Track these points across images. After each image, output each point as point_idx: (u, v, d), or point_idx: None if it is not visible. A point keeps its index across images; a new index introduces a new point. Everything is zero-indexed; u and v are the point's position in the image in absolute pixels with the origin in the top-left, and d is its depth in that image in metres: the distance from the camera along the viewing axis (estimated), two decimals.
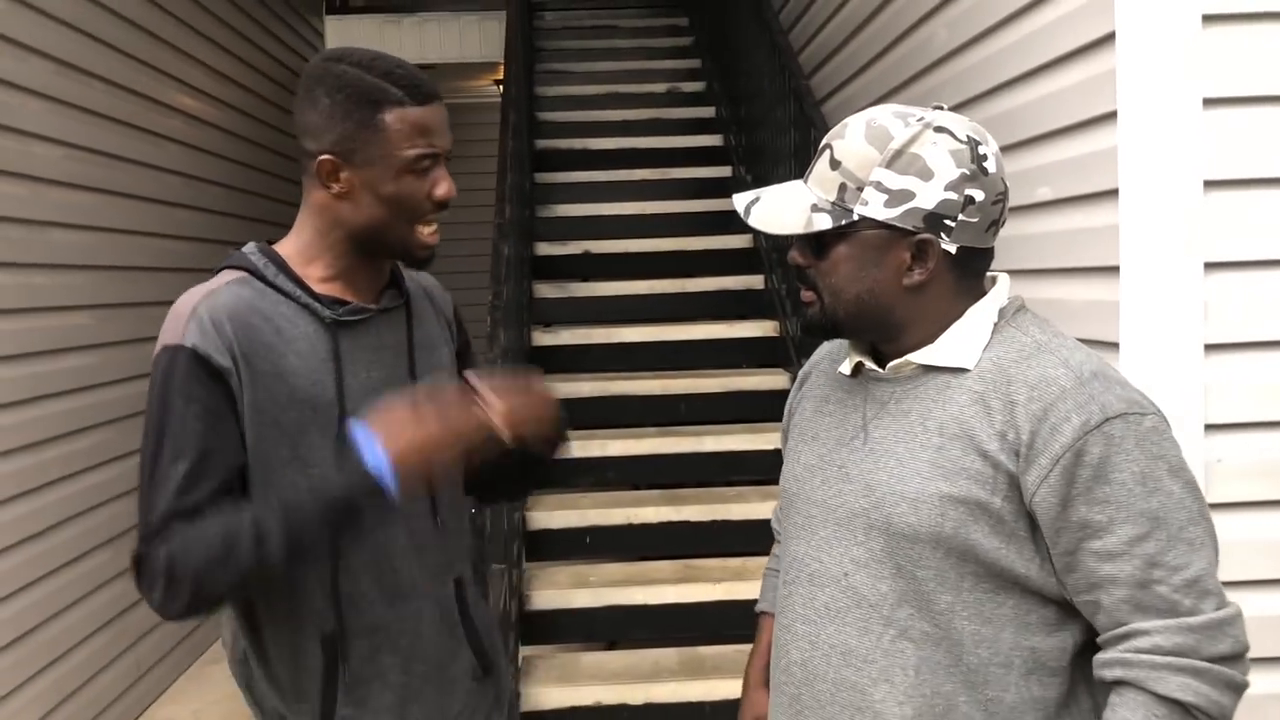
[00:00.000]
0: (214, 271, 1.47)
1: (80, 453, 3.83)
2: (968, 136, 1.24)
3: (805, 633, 1.32)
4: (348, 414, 1.42)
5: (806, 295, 1.32)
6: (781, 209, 1.28)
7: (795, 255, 1.32)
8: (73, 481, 3.78)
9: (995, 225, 1.27)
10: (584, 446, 4.31)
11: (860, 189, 1.24)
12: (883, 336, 1.31)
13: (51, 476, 3.64)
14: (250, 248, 1.48)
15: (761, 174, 5.19)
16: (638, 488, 4.41)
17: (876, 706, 1.26)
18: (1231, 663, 1.19)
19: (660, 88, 6.73)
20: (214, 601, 1.36)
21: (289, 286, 1.44)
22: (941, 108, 1.28)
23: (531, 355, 4.77)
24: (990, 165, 1.25)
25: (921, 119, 1.25)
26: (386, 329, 1.50)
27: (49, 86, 3.71)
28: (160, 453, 1.35)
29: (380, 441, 1.32)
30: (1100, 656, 1.22)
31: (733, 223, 4.98)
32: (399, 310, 1.52)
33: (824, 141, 1.29)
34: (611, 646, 3.90)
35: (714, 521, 3.95)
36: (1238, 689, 1.20)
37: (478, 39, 7.49)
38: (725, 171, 5.88)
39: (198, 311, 1.38)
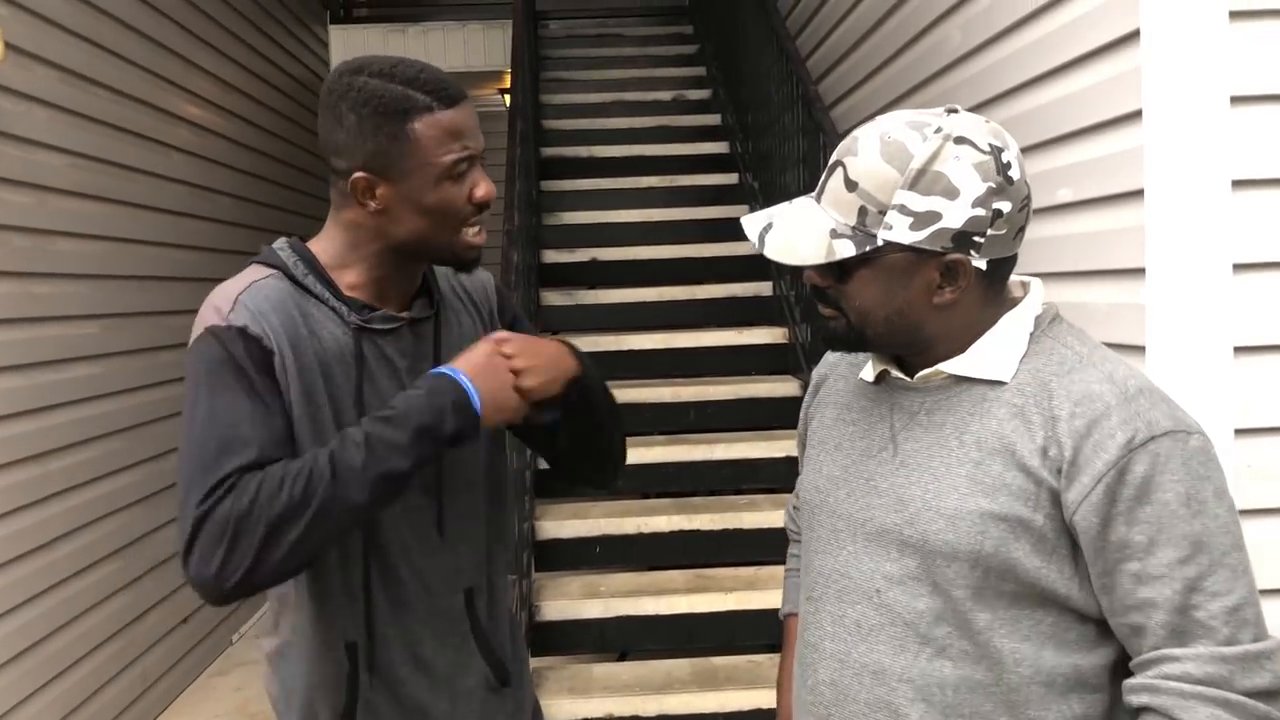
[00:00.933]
0: (245, 265, 1.44)
1: (87, 463, 3.79)
2: (989, 145, 1.18)
3: (834, 651, 1.27)
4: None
5: (828, 312, 1.26)
6: (798, 237, 1.22)
7: (813, 276, 1.25)
8: (79, 492, 3.74)
9: (1021, 231, 1.23)
10: None
11: (883, 212, 1.18)
12: (911, 350, 1.26)
13: (57, 488, 3.60)
14: (281, 243, 1.45)
15: (769, 180, 5.17)
16: (648, 496, 4.37)
17: None
18: (1268, 699, 1.13)
19: (666, 95, 6.72)
20: (277, 566, 1.24)
21: (318, 288, 1.40)
22: (956, 110, 1.21)
23: None
24: (1014, 173, 1.19)
25: (939, 130, 1.18)
26: (414, 339, 1.46)
27: (54, 95, 3.69)
28: (214, 418, 1.28)
29: (463, 369, 1.32)
30: (1129, 682, 1.18)
31: (740, 229, 4.94)
32: (428, 321, 1.48)
33: (835, 158, 1.23)
34: (623, 657, 3.86)
35: (726, 530, 3.91)
36: None
37: (482, 48, 7.48)
38: (732, 178, 5.85)
39: (241, 299, 1.35)
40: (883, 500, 1.25)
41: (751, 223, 1.26)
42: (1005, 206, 1.18)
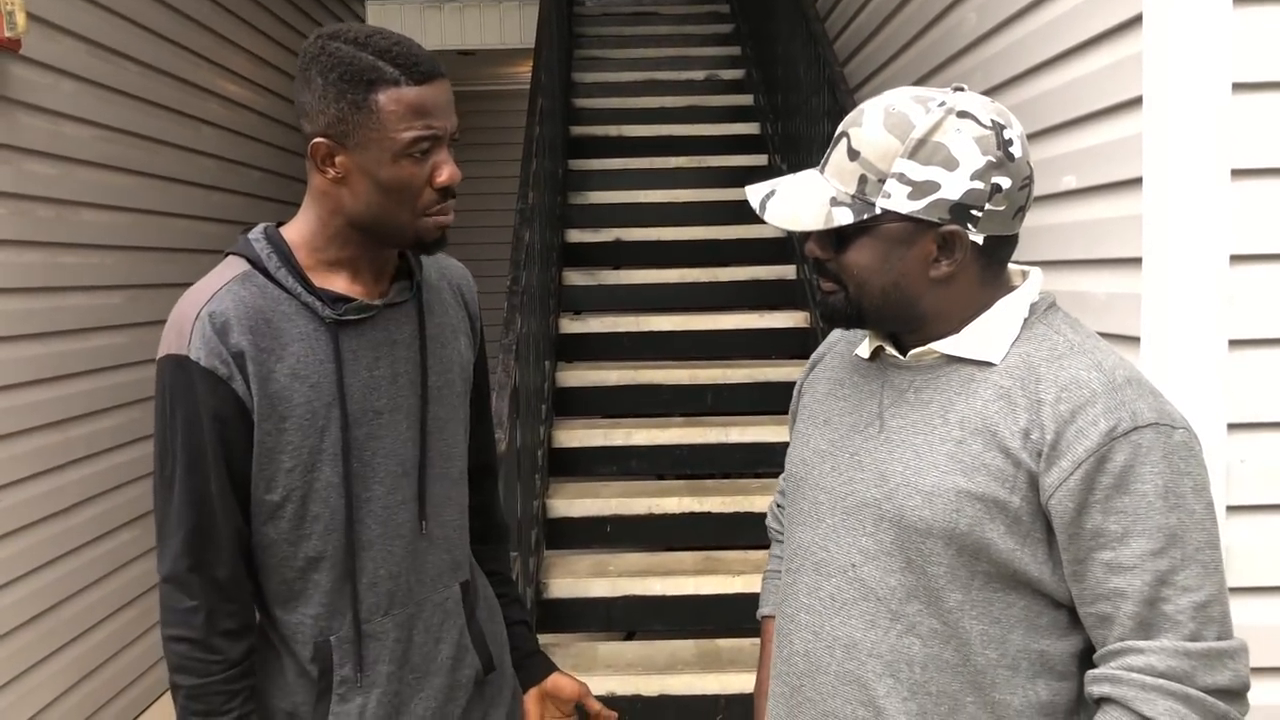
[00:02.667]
0: (222, 256, 1.44)
1: (105, 431, 3.87)
2: (992, 121, 1.19)
3: (809, 623, 1.29)
4: (349, 413, 1.39)
5: (827, 285, 1.27)
6: (798, 203, 1.23)
7: (813, 248, 1.27)
8: (97, 460, 3.81)
9: (1021, 211, 1.23)
10: (608, 435, 4.29)
11: (882, 181, 1.19)
12: (907, 327, 1.27)
13: (76, 455, 3.67)
14: (256, 233, 1.43)
15: (797, 163, 5.13)
16: (662, 477, 4.38)
17: (880, 702, 1.22)
18: (1227, 697, 1.13)
19: (699, 75, 6.68)
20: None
21: (289, 282, 1.38)
22: (962, 89, 1.22)
23: (559, 342, 4.75)
24: (1016, 150, 1.20)
25: (943, 104, 1.19)
26: (394, 324, 1.45)
27: (81, 67, 3.74)
28: (188, 501, 1.37)
29: None
30: (1092, 672, 1.18)
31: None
32: (409, 304, 1.47)
33: (840, 128, 1.23)
34: (630, 637, 3.88)
35: (737, 513, 3.91)
36: None
37: (518, 25, 7.47)
38: (762, 160, 5.82)
39: (204, 316, 1.34)
40: (865, 475, 1.26)
41: (755, 191, 1.28)
42: (1005, 182, 1.19)
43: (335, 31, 1.38)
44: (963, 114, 1.18)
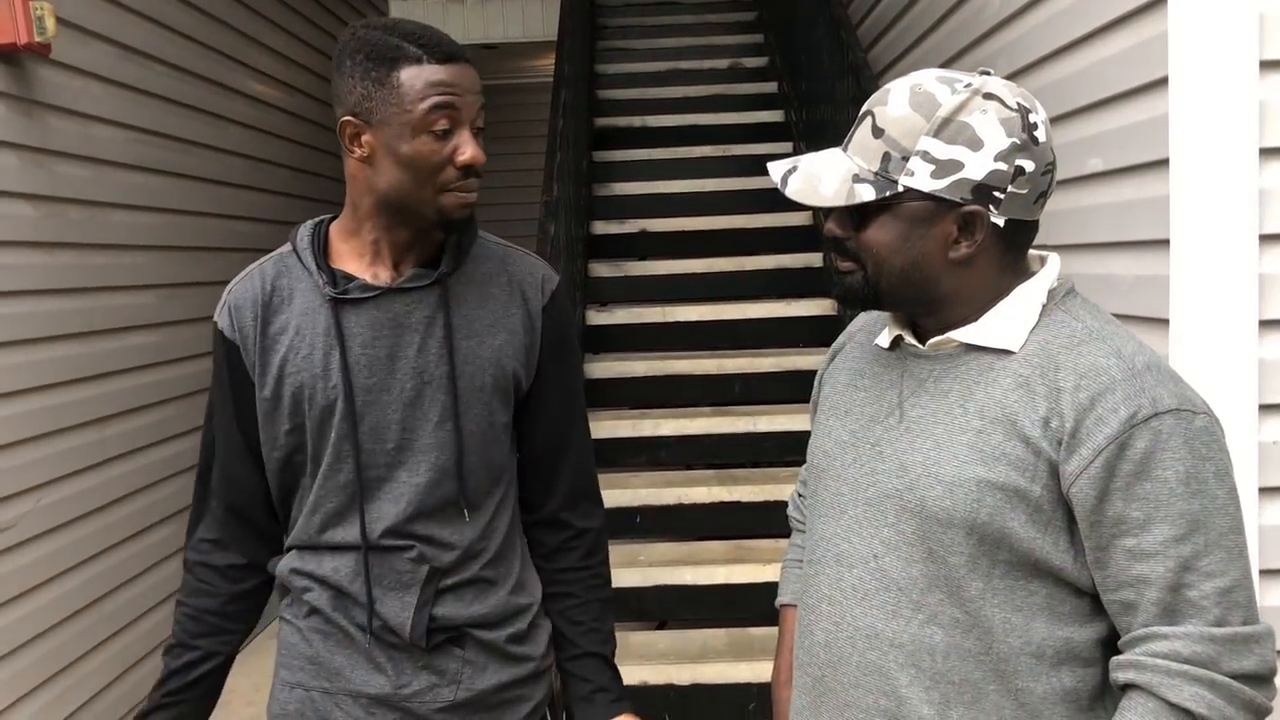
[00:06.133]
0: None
1: (143, 429, 3.92)
2: (1018, 104, 1.19)
3: (831, 614, 1.29)
4: (335, 386, 1.46)
5: (845, 265, 1.27)
6: (820, 179, 1.22)
7: (833, 227, 1.26)
8: (136, 457, 3.87)
9: (1043, 197, 1.22)
10: (636, 426, 4.30)
11: (906, 159, 1.18)
12: (925, 310, 1.26)
13: (115, 452, 3.73)
14: (308, 223, 1.53)
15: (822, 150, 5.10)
16: (691, 467, 4.39)
17: (902, 692, 1.22)
18: (1253, 682, 1.13)
19: (723, 63, 6.66)
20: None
21: (307, 260, 1.49)
22: (989, 73, 1.22)
23: (586, 334, 4.76)
24: (1040, 134, 1.19)
25: (969, 85, 1.19)
26: (406, 308, 1.47)
27: (111, 70, 3.79)
28: (207, 438, 1.60)
29: None
30: (1116, 659, 1.18)
31: (791, 199, 4.91)
32: (430, 289, 1.48)
33: (865, 108, 1.23)
34: (662, 626, 3.89)
35: (766, 502, 3.91)
36: (1257, 712, 1.14)
37: (540, 18, 7.48)
38: (786, 148, 5.79)
39: (233, 290, 1.52)
40: (886, 466, 1.25)
41: (777, 167, 1.27)
42: (1028, 165, 1.18)
43: (367, 22, 1.45)
44: (989, 95, 1.18)
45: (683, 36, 7.04)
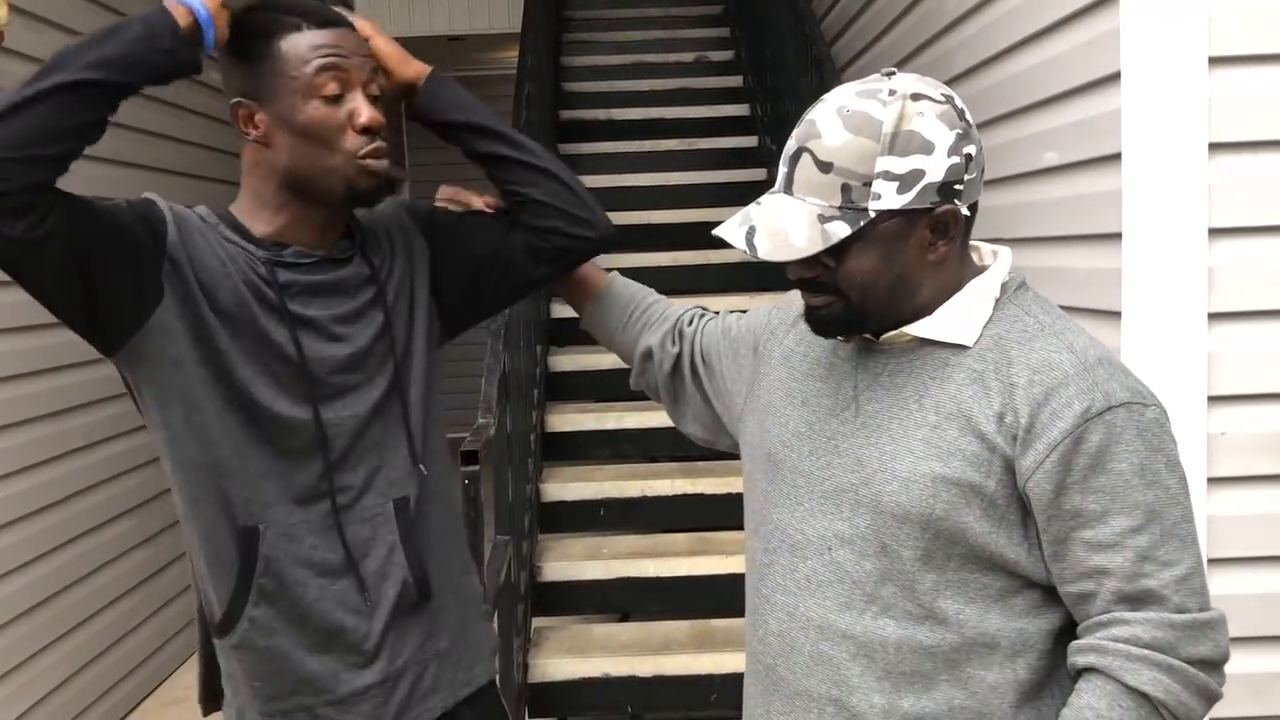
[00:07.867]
0: None
1: (103, 422, 3.88)
2: (942, 94, 1.20)
3: (784, 604, 1.30)
4: (296, 321, 1.42)
5: (819, 299, 1.24)
6: (787, 232, 1.19)
7: (800, 271, 1.23)
8: (95, 450, 3.83)
9: (982, 173, 1.24)
10: (600, 419, 4.30)
11: (868, 184, 1.17)
12: (913, 317, 1.25)
13: (74, 445, 3.69)
14: (201, 209, 1.45)
15: (784, 143, 5.12)
16: (655, 460, 4.39)
17: (853, 682, 1.23)
18: (1207, 668, 1.16)
19: (688, 57, 6.66)
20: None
21: (230, 234, 1.41)
22: (893, 72, 1.21)
23: (550, 327, 4.76)
24: (968, 115, 1.21)
25: (893, 92, 1.18)
26: (339, 274, 1.46)
27: None
28: None
29: None
30: (1075, 644, 1.20)
31: (758, 191, 4.92)
32: (354, 260, 1.47)
33: (794, 146, 1.21)
34: (625, 618, 3.90)
35: (729, 495, 3.92)
36: (1209, 697, 1.17)
37: (505, 10, 7.44)
38: (752, 141, 5.81)
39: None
40: (842, 460, 1.26)
41: (732, 232, 1.24)
42: (972, 150, 1.20)
43: (247, 6, 1.39)
44: (917, 96, 1.18)
45: (649, 29, 7.02)
